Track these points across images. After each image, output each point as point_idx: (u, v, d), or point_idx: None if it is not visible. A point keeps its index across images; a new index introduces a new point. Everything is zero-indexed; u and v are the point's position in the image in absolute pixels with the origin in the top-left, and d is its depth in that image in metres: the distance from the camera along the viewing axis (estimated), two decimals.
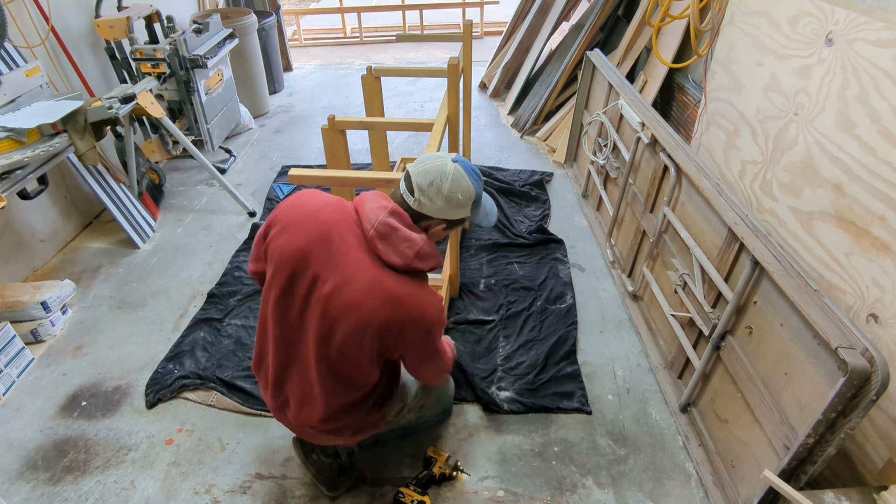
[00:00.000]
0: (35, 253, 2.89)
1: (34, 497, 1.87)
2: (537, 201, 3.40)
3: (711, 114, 2.53)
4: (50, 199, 2.98)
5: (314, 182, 1.93)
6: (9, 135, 2.29)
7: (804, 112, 1.90)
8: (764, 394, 1.61)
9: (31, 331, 2.42)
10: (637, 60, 3.69)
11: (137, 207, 3.14)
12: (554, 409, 2.11)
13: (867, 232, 1.62)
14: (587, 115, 3.42)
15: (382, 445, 1.99)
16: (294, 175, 1.89)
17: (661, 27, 3.16)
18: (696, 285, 1.98)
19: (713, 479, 1.83)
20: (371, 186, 1.89)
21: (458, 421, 2.09)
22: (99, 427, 2.10)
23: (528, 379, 2.21)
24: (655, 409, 2.12)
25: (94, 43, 3.36)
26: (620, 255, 2.80)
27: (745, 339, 1.72)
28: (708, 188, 1.91)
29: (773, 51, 2.07)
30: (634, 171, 2.63)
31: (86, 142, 2.53)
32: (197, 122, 3.37)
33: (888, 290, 1.54)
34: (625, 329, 2.48)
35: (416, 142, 4.21)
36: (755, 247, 1.63)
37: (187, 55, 3.12)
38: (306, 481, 1.90)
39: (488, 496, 1.84)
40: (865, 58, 1.64)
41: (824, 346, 1.38)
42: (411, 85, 5.27)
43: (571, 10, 4.22)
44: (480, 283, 2.73)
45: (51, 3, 2.93)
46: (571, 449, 1.99)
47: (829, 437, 1.35)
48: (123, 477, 1.93)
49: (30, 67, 2.63)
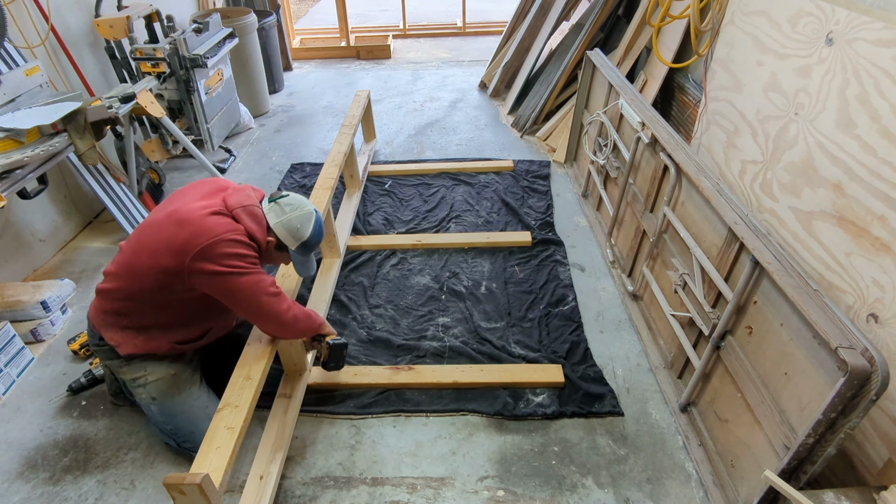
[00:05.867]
0: (35, 252, 2.89)
1: (34, 497, 1.87)
2: (539, 192, 3.44)
3: (711, 113, 2.53)
4: (50, 199, 2.98)
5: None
6: (8, 135, 2.29)
7: (804, 112, 1.90)
8: (764, 394, 1.61)
9: (30, 330, 2.42)
10: (637, 60, 3.69)
11: (137, 207, 3.14)
12: (586, 413, 2.09)
13: (867, 232, 1.62)
14: (587, 114, 3.42)
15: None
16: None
17: (661, 27, 3.16)
18: (696, 285, 1.97)
19: (713, 479, 1.83)
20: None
21: (457, 421, 2.09)
22: (99, 426, 2.10)
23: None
24: (655, 408, 2.12)
25: (94, 42, 3.36)
26: (620, 255, 2.80)
27: (745, 339, 1.72)
28: (708, 188, 1.91)
29: (774, 50, 2.06)
30: (634, 170, 2.63)
31: (86, 141, 2.53)
32: (197, 121, 3.37)
33: (888, 290, 1.54)
34: (625, 329, 2.48)
35: (417, 142, 4.21)
36: (755, 247, 1.63)
37: (187, 55, 3.12)
38: (306, 481, 1.90)
39: (488, 496, 1.84)
40: (866, 57, 1.64)
41: (824, 346, 1.38)
42: (412, 85, 5.27)
43: (571, 9, 4.22)
44: (482, 285, 2.73)
45: (51, 2, 2.93)
46: (571, 449, 1.99)
47: (829, 437, 1.35)
48: (123, 476, 1.93)
49: (29, 67, 2.63)
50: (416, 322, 2.52)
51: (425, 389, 2.20)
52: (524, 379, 2.19)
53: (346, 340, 2.12)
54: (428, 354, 2.35)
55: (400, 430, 2.06)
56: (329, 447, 2.01)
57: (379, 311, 2.58)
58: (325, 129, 4.49)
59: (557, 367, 2.22)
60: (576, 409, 2.09)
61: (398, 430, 2.07)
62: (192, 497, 1.32)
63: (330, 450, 2.00)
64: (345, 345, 2.05)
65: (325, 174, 2.75)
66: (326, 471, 1.93)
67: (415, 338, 2.43)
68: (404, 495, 1.85)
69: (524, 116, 4.29)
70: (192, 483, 1.29)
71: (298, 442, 2.03)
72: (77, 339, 2.36)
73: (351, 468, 1.94)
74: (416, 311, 2.58)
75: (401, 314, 2.56)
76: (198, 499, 1.32)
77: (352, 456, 1.98)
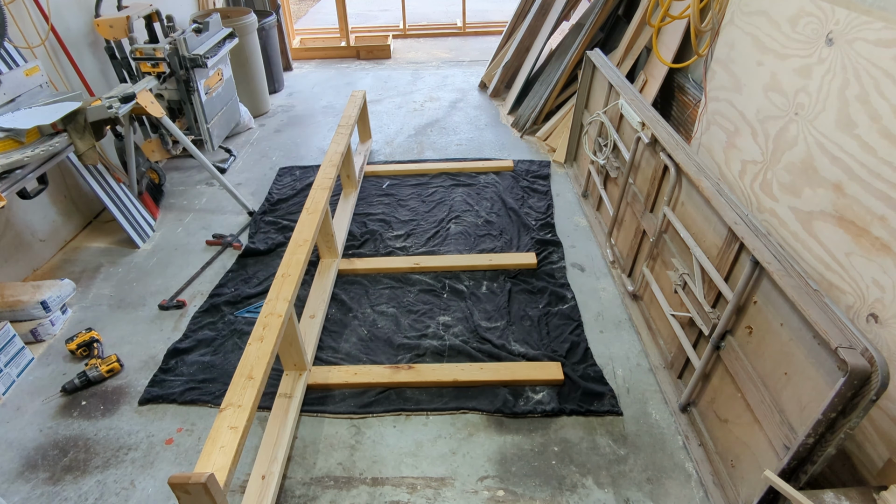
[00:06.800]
0: (35, 252, 2.89)
1: (34, 497, 1.87)
2: (539, 192, 3.45)
3: (711, 113, 2.53)
4: (50, 199, 2.98)
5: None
6: (8, 135, 2.29)
7: (804, 112, 1.90)
8: (764, 394, 1.61)
9: (30, 330, 2.42)
10: (637, 60, 3.69)
11: (137, 207, 3.14)
12: (585, 411, 2.10)
13: (867, 232, 1.62)
14: (587, 114, 3.42)
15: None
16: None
17: (661, 27, 3.16)
18: (696, 285, 1.97)
19: (713, 479, 1.83)
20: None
21: (457, 421, 2.09)
22: (98, 427, 2.10)
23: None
24: (655, 408, 2.13)
25: (94, 42, 3.36)
26: (620, 255, 2.80)
27: (745, 339, 1.72)
28: (708, 188, 1.91)
29: (774, 50, 2.06)
30: (634, 170, 2.63)
31: (86, 141, 2.53)
32: (197, 121, 3.37)
33: (888, 290, 1.54)
34: (625, 329, 2.48)
35: (417, 142, 4.21)
36: (755, 246, 1.63)
37: (187, 55, 3.12)
38: (306, 481, 1.90)
39: (488, 496, 1.84)
40: (866, 57, 1.64)
41: (824, 346, 1.38)
42: (412, 85, 5.27)
43: (571, 9, 4.22)
44: (483, 284, 2.74)
45: (51, 2, 2.93)
46: (571, 449, 1.99)
47: (829, 437, 1.35)
48: (123, 476, 1.93)
49: (29, 67, 2.63)
50: (415, 323, 2.52)
51: (426, 388, 2.20)
52: (524, 377, 2.19)
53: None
54: (428, 353, 2.35)
55: (400, 430, 2.06)
56: (329, 447, 2.01)
57: (381, 310, 2.59)
58: (324, 129, 4.49)
59: (557, 365, 2.22)
60: (575, 408, 2.10)
61: (398, 429, 2.07)
62: (197, 497, 1.32)
63: (330, 450, 2.00)
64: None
65: (323, 174, 2.75)
66: (326, 471, 1.93)
67: (416, 337, 2.44)
68: (404, 495, 1.85)
69: (524, 116, 4.29)
70: (197, 482, 1.29)
71: (298, 442, 2.03)
72: (75, 339, 2.36)
73: (351, 468, 1.94)
74: (416, 312, 2.58)
75: (402, 315, 2.57)
76: (203, 498, 1.32)
77: (352, 456, 1.98)
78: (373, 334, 2.46)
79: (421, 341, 2.40)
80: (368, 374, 2.22)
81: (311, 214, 2.43)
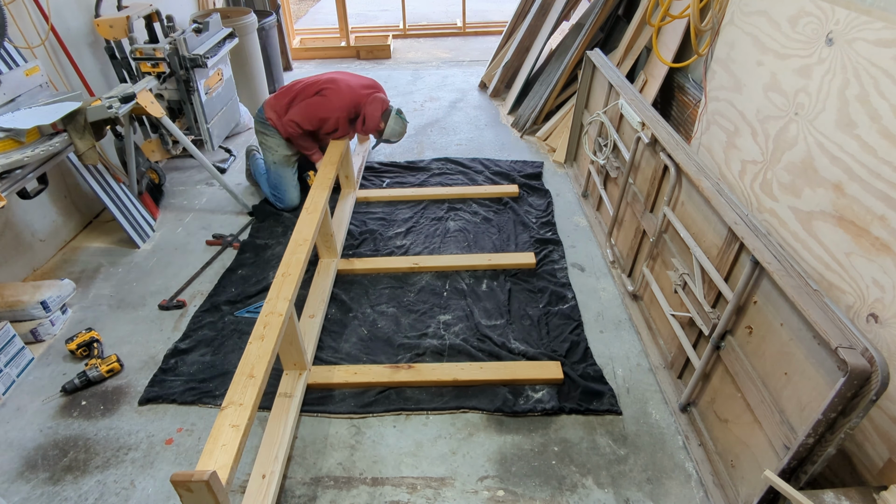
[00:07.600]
0: (35, 252, 2.89)
1: (34, 496, 1.87)
2: (539, 191, 3.47)
3: (711, 113, 2.53)
4: (50, 199, 2.98)
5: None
6: (8, 135, 2.29)
7: (804, 112, 1.90)
8: (764, 394, 1.61)
9: (30, 330, 2.42)
10: (637, 60, 3.69)
11: (137, 207, 3.14)
12: (584, 410, 2.10)
13: (867, 232, 1.62)
14: (587, 114, 3.42)
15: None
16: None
17: (661, 27, 3.16)
18: (696, 285, 1.97)
19: (713, 479, 1.83)
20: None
21: (457, 421, 2.09)
22: (98, 427, 2.10)
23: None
24: (655, 408, 2.13)
25: (94, 42, 3.36)
26: (620, 255, 2.80)
27: (745, 339, 1.72)
28: (708, 188, 1.91)
29: (774, 50, 2.06)
30: (634, 170, 2.63)
31: (86, 141, 2.53)
32: (197, 121, 3.37)
33: (888, 290, 1.54)
34: (625, 329, 2.48)
35: (417, 142, 4.21)
36: (755, 246, 1.63)
37: (187, 55, 3.11)
38: (306, 481, 1.90)
39: (488, 496, 1.84)
40: (866, 57, 1.64)
41: (824, 346, 1.38)
42: (412, 85, 5.27)
43: (571, 9, 4.22)
44: (483, 283, 2.74)
45: (51, 2, 2.93)
46: (571, 449, 1.99)
47: (829, 437, 1.35)
48: (123, 476, 1.93)
49: (29, 67, 2.63)
50: (417, 321, 2.52)
51: (426, 387, 2.20)
52: (524, 376, 2.19)
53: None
54: (428, 353, 2.35)
55: (400, 430, 2.06)
56: (329, 447, 2.01)
57: (381, 309, 2.59)
58: None
59: (556, 364, 2.22)
60: (574, 406, 2.10)
61: (398, 429, 2.07)
62: (199, 494, 1.32)
63: (330, 450, 2.00)
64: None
65: (323, 174, 2.77)
66: (326, 471, 1.93)
67: (416, 336, 2.44)
68: (404, 495, 1.85)
69: (524, 116, 4.29)
70: (199, 480, 1.29)
71: (298, 442, 2.03)
72: (75, 339, 2.36)
73: (351, 468, 1.94)
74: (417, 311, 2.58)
75: (402, 314, 2.57)
76: (205, 496, 1.32)
77: (352, 456, 1.98)
78: (373, 334, 2.46)
79: (421, 341, 2.41)
80: (368, 373, 2.23)
81: (311, 214, 2.43)
